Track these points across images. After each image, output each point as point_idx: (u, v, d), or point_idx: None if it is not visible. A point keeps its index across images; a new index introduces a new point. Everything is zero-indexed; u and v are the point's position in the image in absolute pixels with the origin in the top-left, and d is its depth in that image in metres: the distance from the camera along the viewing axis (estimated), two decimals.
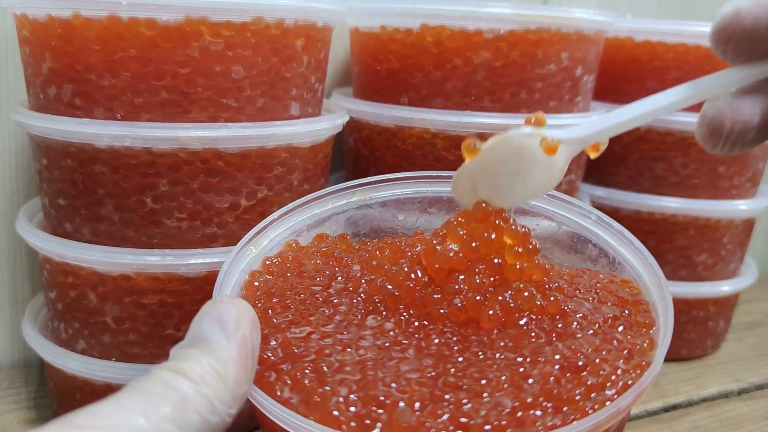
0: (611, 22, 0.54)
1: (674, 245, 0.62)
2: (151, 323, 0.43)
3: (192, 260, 0.41)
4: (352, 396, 0.27)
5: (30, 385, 0.54)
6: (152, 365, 0.43)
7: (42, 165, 0.44)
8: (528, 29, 0.49)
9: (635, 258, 0.35)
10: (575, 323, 0.31)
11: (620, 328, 0.31)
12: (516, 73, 0.50)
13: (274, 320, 0.31)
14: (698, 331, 0.64)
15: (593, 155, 0.33)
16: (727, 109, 0.28)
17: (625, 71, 0.63)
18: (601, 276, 0.36)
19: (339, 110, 0.50)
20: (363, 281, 0.34)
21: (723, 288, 0.64)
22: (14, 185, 0.55)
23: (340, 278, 0.35)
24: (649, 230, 0.62)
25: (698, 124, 0.29)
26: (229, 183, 0.42)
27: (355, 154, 0.56)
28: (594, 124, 0.32)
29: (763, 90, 0.28)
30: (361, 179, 0.40)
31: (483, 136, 0.34)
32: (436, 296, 0.32)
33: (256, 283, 0.34)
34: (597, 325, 0.31)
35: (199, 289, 0.42)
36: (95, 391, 0.44)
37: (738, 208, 0.62)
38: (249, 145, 0.41)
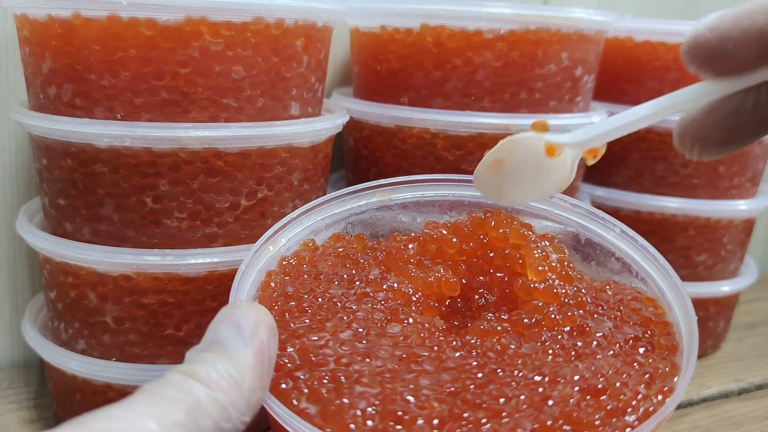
0: (611, 22, 0.54)
1: (674, 245, 0.62)
2: (151, 323, 0.43)
3: (192, 260, 0.41)
4: (369, 410, 0.26)
5: (30, 385, 0.54)
6: (152, 365, 0.43)
7: (42, 165, 0.44)
8: (528, 29, 0.49)
9: (659, 276, 0.34)
10: (595, 342, 0.31)
11: (642, 350, 0.30)
12: (516, 73, 0.50)
13: (291, 324, 0.31)
14: (698, 331, 0.64)
15: (591, 161, 0.34)
16: (690, 126, 0.30)
17: (625, 71, 0.63)
18: (626, 291, 0.35)
19: (339, 110, 0.50)
20: (384, 287, 0.34)
21: (723, 288, 0.64)
22: (14, 185, 0.55)
23: (358, 283, 0.34)
24: (649, 230, 0.62)
25: (673, 135, 0.32)
26: (229, 183, 0.42)
27: (355, 154, 0.56)
28: (591, 129, 0.33)
29: (726, 108, 0.30)
30: (381, 180, 0.39)
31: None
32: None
33: (272, 284, 0.34)
34: (618, 345, 0.30)
35: (199, 289, 0.42)
36: (95, 391, 0.44)
37: (738, 208, 0.62)
38: (249, 145, 0.41)
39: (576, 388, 0.28)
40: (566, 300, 0.32)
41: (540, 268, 0.34)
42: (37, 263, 0.53)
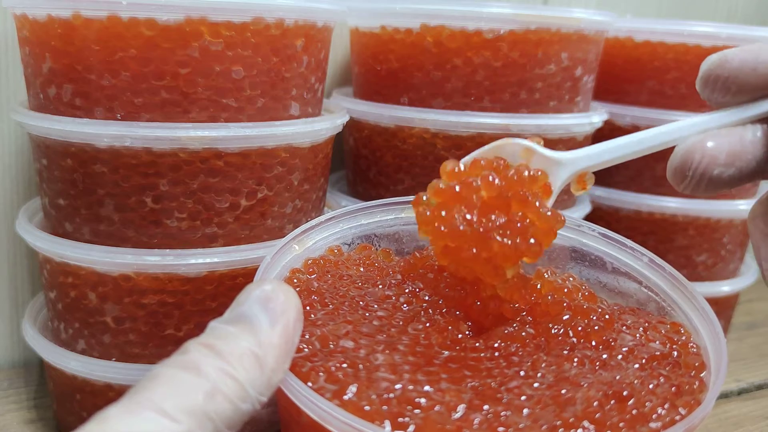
0: (611, 22, 0.54)
1: (674, 245, 0.62)
2: (151, 323, 0.43)
3: (192, 260, 0.41)
4: (386, 395, 0.26)
5: (30, 385, 0.54)
6: (152, 365, 0.43)
7: (42, 165, 0.44)
8: (528, 29, 0.49)
9: (687, 302, 0.34)
10: (620, 356, 0.30)
11: (668, 368, 0.30)
12: (516, 73, 0.50)
13: (312, 316, 0.31)
14: None
15: (577, 191, 0.35)
16: (699, 144, 0.30)
17: (625, 71, 0.63)
18: (651, 316, 0.35)
19: (339, 110, 0.50)
20: (406, 290, 0.34)
21: (723, 288, 0.64)
22: (14, 185, 0.55)
23: (381, 286, 0.34)
24: (649, 230, 0.62)
25: (670, 159, 0.31)
26: (229, 183, 0.42)
27: (355, 154, 0.56)
28: (586, 151, 0.34)
29: (733, 131, 0.31)
30: (413, 197, 0.39)
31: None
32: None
33: (295, 281, 0.34)
34: (643, 360, 0.30)
35: (199, 289, 0.42)
36: (95, 391, 0.44)
37: (738, 208, 0.62)
38: (249, 145, 0.41)
39: (600, 393, 0.28)
40: (593, 317, 0.33)
41: (566, 290, 0.34)
42: (37, 263, 0.53)
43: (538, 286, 0.34)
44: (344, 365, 0.28)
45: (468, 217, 0.32)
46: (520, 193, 0.32)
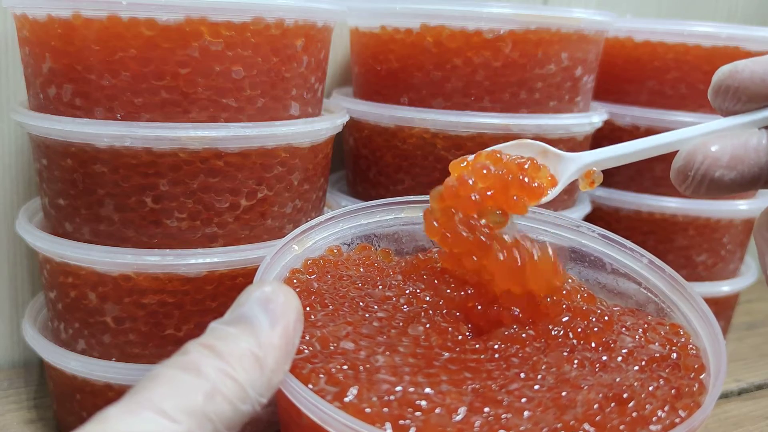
0: (611, 22, 0.54)
1: (674, 245, 0.62)
2: (151, 323, 0.43)
3: (192, 260, 0.41)
4: (387, 397, 0.26)
5: (30, 385, 0.54)
6: (152, 365, 0.43)
7: (42, 165, 0.44)
8: (528, 29, 0.49)
9: (687, 305, 0.34)
10: (620, 357, 0.30)
11: (668, 370, 0.30)
12: (516, 73, 0.50)
13: (312, 317, 0.31)
14: None
15: (584, 187, 0.36)
16: (702, 146, 0.31)
17: (625, 71, 0.63)
18: (650, 318, 0.35)
19: (339, 110, 0.50)
20: (407, 291, 0.34)
21: (723, 288, 0.64)
22: (14, 185, 0.55)
23: (381, 287, 0.34)
24: (649, 230, 0.62)
25: (674, 160, 0.32)
26: (229, 183, 0.42)
27: (355, 154, 0.56)
28: (596, 153, 0.36)
29: (737, 137, 0.32)
30: (411, 197, 0.39)
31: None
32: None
33: (295, 281, 0.34)
34: (643, 362, 0.30)
35: (199, 289, 0.42)
36: (95, 391, 0.44)
37: (738, 208, 0.62)
38: (249, 145, 0.41)
39: (600, 395, 0.28)
40: (593, 318, 0.33)
41: (565, 291, 0.34)
42: (37, 263, 0.53)
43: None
44: (345, 367, 0.28)
45: (471, 222, 0.33)
46: (519, 178, 0.33)
